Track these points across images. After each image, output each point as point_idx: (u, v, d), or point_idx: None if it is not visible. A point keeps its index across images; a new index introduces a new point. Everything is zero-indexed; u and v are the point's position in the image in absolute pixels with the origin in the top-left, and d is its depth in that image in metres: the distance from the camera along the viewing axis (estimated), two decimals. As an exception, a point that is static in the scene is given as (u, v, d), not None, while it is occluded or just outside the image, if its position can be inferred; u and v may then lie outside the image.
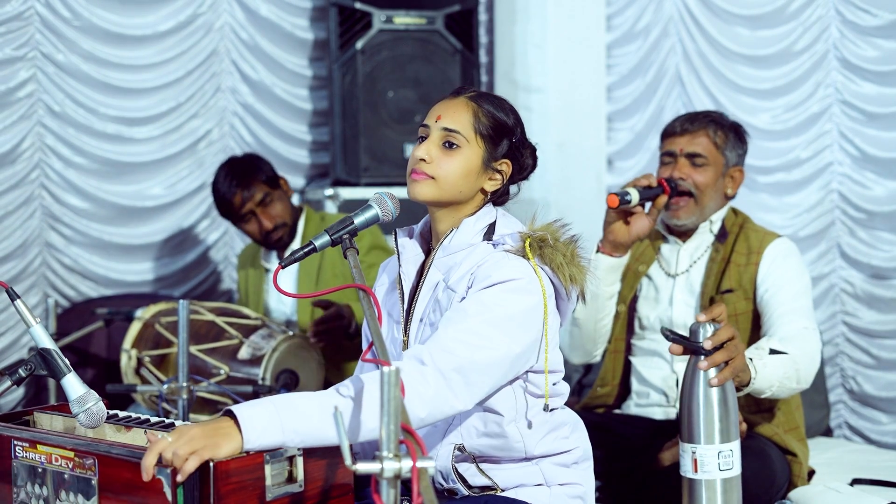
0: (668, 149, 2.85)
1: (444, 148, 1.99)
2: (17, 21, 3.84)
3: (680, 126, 2.85)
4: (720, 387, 2.15)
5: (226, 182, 3.35)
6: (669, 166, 2.82)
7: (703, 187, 2.78)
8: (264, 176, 3.36)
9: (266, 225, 3.34)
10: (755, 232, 2.83)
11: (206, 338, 3.12)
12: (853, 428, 4.34)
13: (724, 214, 2.87)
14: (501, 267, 1.91)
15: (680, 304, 2.83)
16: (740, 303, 2.73)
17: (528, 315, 1.90)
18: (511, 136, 2.04)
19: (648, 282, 2.91)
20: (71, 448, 1.73)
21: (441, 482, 2.02)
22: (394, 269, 2.12)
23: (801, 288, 2.71)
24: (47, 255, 3.98)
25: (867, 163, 4.27)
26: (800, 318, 2.62)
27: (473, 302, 1.89)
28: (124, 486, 1.67)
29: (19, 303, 1.80)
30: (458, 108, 2.01)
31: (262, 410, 1.70)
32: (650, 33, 4.41)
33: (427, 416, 1.79)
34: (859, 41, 4.28)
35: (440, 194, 1.99)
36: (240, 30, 4.17)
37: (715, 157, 2.81)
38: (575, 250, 1.98)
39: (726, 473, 2.14)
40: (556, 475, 2.02)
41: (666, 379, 2.82)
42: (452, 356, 1.82)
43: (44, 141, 3.93)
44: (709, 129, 2.82)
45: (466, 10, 4.14)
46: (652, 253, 2.93)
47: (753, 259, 2.76)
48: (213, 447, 1.64)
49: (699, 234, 2.86)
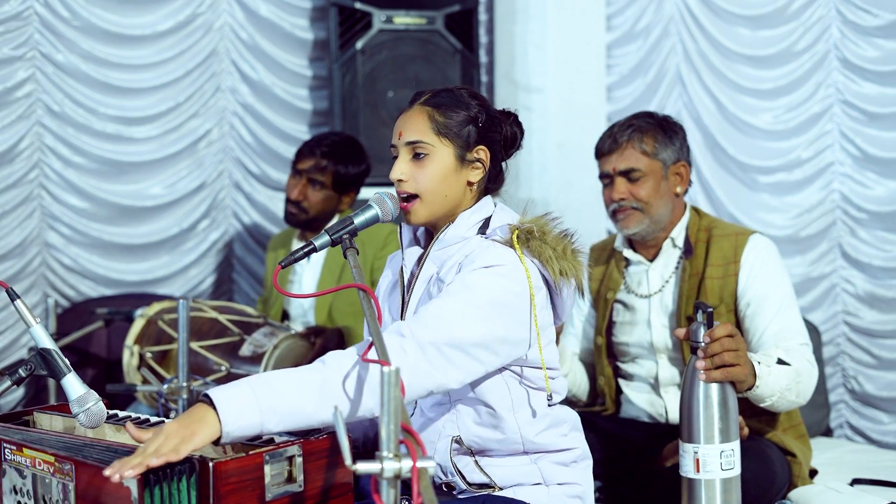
0: (602, 170, 2.76)
1: (415, 161, 2.01)
2: (16, 21, 3.84)
3: (606, 144, 2.75)
4: (721, 387, 2.15)
5: (323, 141, 3.42)
6: (609, 188, 2.74)
7: (647, 199, 2.70)
8: (343, 171, 3.37)
9: (295, 194, 3.36)
10: (725, 237, 2.71)
11: (208, 334, 3.13)
12: (855, 428, 4.33)
13: (685, 223, 2.77)
14: (487, 253, 1.94)
15: (658, 327, 2.75)
16: (721, 317, 2.63)
17: (509, 300, 1.91)
18: (475, 123, 2.04)
19: (622, 307, 2.83)
20: (51, 453, 1.71)
21: (440, 476, 2.02)
22: (398, 262, 2.14)
23: (786, 298, 2.62)
24: (47, 255, 3.97)
25: (868, 163, 4.27)
26: (793, 335, 2.56)
27: (457, 283, 1.91)
28: (99, 492, 1.64)
29: (19, 303, 1.80)
30: (415, 117, 2.03)
31: (237, 391, 1.70)
32: (651, 33, 4.40)
33: (406, 386, 1.76)
34: (860, 41, 4.28)
35: (432, 210, 2.02)
36: (239, 30, 4.17)
37: (649, 166, 2.70)
38: (568, 245, 1.99)
39: (727, 473, 2.13)
40: (555, 474, 2.02)
41: (653, 403, 2.79)
42: (430, 330, 1.83)
43: (43, 140, 3.93)
44: (633, 140, 2.71)
45: (466, 10, 4.14)
46: (618, 276, 2.85)
47: (731, 270, 2.66)
48: (189, 437, 1.63)
49: (664, 252, 2.77)
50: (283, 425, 1.72)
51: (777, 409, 2.47)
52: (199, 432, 1.64)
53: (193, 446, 1.63)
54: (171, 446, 1.60)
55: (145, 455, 1.58)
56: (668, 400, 2.76)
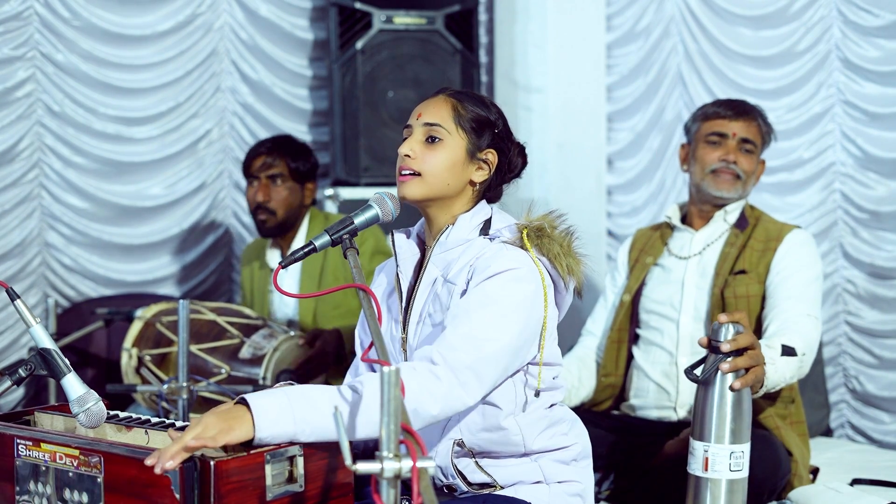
0: (718, 129, 2.90)
1: (428, 143, 2.02)
2: (16, 21, 3.83)
3: (735, 108, 2.93)
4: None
5: (265, 142, 3.47)
6: (719, 148, 2.88)
7: (749, 171, 2.89)
8: (295, 162, 3.39)
9: (260, 197, 3.36)
10: (773, 224, 2.89)
11: (208, 337, 3.12)
12: (856, 428, 4.33)
13: (741, 206, 2.93)
14: (500, 257, 1.93)
15: (690, 287, 2.85)
16: (753, 285, 2.76)
17: (529, 303, 1.92)
18: (493, 128, 2.06)
19: (659, 269, 2.95)
20: (76, 446, 1.73)
21: (440, 478, 2.02)
22: (391, 269, 2.13)
23: (812, 276, 2.74)
24: (46, 255, 3.97)
25: (869, 163, 4.27)
26: (804, 304, 2.65)
27: (476, 295, 1.91)
28: (130, 483, 1.66)
29: (19, 303, 1.80)
30: (438, 104, 2.05)
31: (274, 400, 1.71)
32: (651, 33, 4.40)
33: (439, 412, 1.81)
34: (861, 41, 4.27)
35: (429, 190, 2.01)
36: (239, 30, 4.17)
37: (760, 145, 2.93)
38: (571, 242, 1.99)
39: (735, 475, 2.13)
40: (555, 472, 2.02)
41: (667, 373, 2.81)
42: (463, 353, 1.84)
43: (43, 140, 3.93)
44: (758, 115, 2.93)
45: (466, 10, 4.13)
46: (660, 245, 2.98)
47: (772, 245, 2.81)
48: (227, 430, 1.66)
49: (713, 222, 2.91)
50: (315, 438, 1.74)
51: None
52: (237, 428, 1.67)
53: (230, 439, 1.66)
54: (211, 434, 1.64)
55: (182, 441, 1.61)
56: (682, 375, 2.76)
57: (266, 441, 1.70)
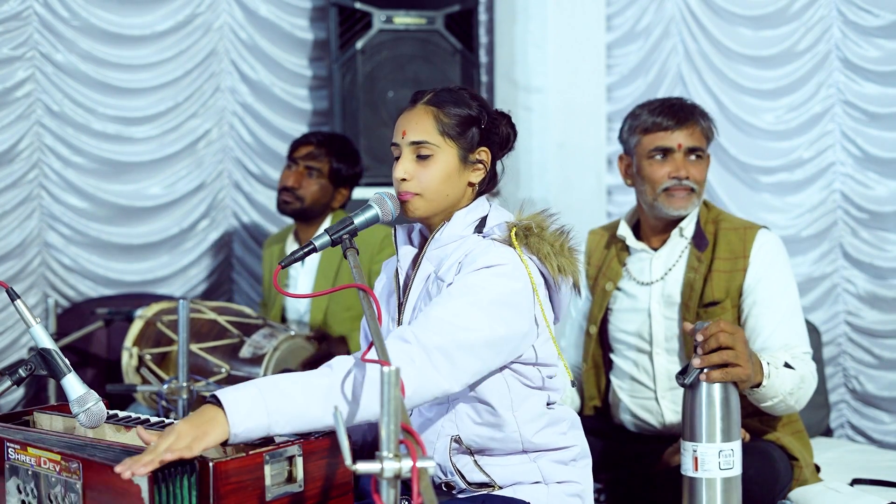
0: (661, 144, 2.62)
1: (419, 161, 2.01)
2: (16, 21, 3.83)
3: (674, 116, 2.63)
4: (723, 386, 2.14)
5: (318, 133, 3.50)
6: (667, 163, 2.62)
7: (701, 181, 2.66)
8: (338, 164, 3.39)
9: (291, 181, 3.38)
10: (733, 230, 2.64)
11: (208, 336, 3.12)
12: (856, 428, 4.33)
13: (696, 214, 2.69)
14: (487, 253, 1.94)
15: (658, 317, 2.67)
16: (727, 314, 2.59)
17: (512, 299, 1.91)
18: (478, 124, 2.04)
19: (622, 295, 2.74)
20: (58, 451, 1.71)
21: (439, 475, 2.02)
22: (393, 265, 2.14)
23: (792, 303, 2.57)
24: (46, 255, 3.97)
25: (869, 163, 4.27)
26: (798, 344, 2.53)
27: (458, 285, 1.91)
28: (106, 490, 1.64)
29: (19, 303, 1.79)
30: (419, 117, 2.03)
31: (245, 393, 1.70)
32: (651, 33, 4.40)
33: (412, 393, 1.79)
34: (861, 41, 4.27)
35: (432, 207, 2.02)
36: (239, 30, 4.16)
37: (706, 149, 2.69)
38: (565, 242, 1.99)
39: (727, 473, 2.13)
40: (555, 473, 2.02)
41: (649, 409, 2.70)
42: (436, 335, 1.83)
43: (42, 140, 3.93)
44: (699, 118, 2.65)
45: (466, 10, 4.13)
46: (617, 266, 2.76)
47: (740, 265, 2.60)
48: (202, 437, 1.63)
49: (671, 240, 2.69)
50: (290, 428, 1.72)
51: (775, 412, 2.46)
52: (211, 432, 1.65)
53: (205, 445, 1.63)
54: (185, 444, 1.61)
55: (157, 452, 1.59)
56: (666, 408, 2.68)
57: (241, 436, 1.68)
